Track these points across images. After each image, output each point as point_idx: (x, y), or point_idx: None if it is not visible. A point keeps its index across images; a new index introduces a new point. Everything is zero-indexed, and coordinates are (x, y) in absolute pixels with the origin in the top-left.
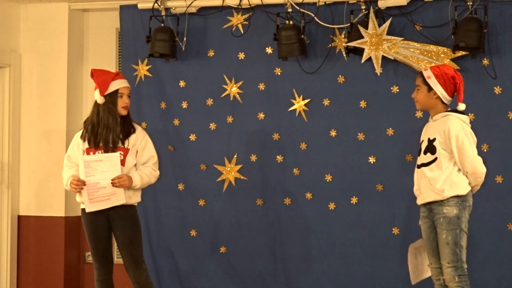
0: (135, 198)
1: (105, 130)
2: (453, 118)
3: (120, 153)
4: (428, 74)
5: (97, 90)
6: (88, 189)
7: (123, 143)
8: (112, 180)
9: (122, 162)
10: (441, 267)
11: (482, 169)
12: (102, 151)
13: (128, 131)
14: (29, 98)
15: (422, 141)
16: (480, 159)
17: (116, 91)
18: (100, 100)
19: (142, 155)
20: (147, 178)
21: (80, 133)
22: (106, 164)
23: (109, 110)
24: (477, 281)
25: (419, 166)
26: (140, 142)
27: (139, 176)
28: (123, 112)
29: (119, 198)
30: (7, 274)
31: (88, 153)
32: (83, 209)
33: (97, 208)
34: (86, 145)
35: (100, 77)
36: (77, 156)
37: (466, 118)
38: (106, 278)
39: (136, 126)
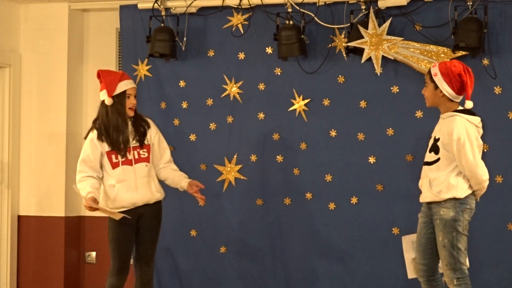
0: (162, 193)
1: (115, 132)
2: (458, 120)
3: (144, 151)
4: (435, 71)
5: (104, 91)
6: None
7: (142, 143)
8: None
9: (147, 159)
10: (423, 263)
11: (483, 176)
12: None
13: (144, 129)
14: (29, 98)
15: (431, 138)
16: (481, 165)
17: (124, 92)
18: (109, 101)
19: (157, 148)
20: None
21: (94, 134)
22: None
23: (118, 111)
24: (477, 281)
25: (424, 164)
26: (155, 136)
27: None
28: (130, 114)
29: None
30: (7, 274)
31: (109, 157)
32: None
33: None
34: (106, 147)
35: (107, 78)
36: (96, 158)
37: (474, 119)
38: (120, 285)
39: (147, 120)
